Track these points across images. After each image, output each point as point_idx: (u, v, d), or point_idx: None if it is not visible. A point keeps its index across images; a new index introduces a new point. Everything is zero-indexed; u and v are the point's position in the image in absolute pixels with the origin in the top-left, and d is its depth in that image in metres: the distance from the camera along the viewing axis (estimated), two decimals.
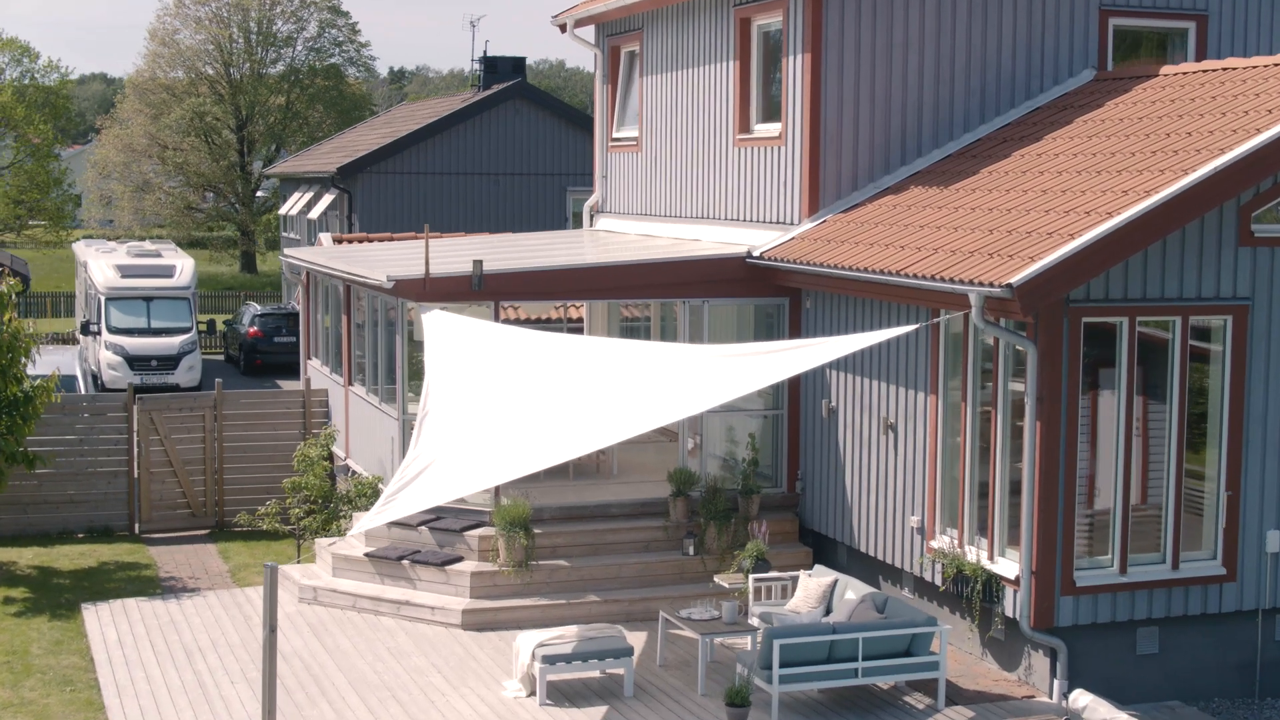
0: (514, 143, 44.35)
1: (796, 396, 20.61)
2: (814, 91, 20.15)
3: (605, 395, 16.13)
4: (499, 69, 46.51)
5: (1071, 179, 17.41)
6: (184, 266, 41.69)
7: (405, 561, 19.18)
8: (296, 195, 50.96)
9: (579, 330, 28.77)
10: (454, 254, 21.94)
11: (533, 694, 16.03)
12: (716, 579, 18.54)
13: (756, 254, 20.25)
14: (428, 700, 15.97)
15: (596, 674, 16.70)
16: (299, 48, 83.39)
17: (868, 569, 19.19)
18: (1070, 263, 15.24)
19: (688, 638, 17.86)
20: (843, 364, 19.43)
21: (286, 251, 27.21)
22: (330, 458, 22.60)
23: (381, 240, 31.60)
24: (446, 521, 19.54)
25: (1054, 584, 16.03)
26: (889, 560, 18.58)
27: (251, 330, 44.02)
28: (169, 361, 39.13)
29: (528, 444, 15.51)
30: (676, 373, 16.32)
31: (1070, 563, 16.07)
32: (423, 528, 19.54)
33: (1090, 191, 16.72)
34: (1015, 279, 15.13)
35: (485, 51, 46.85)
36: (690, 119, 23.31)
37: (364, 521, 14.43)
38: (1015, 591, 16.23)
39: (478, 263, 19.37)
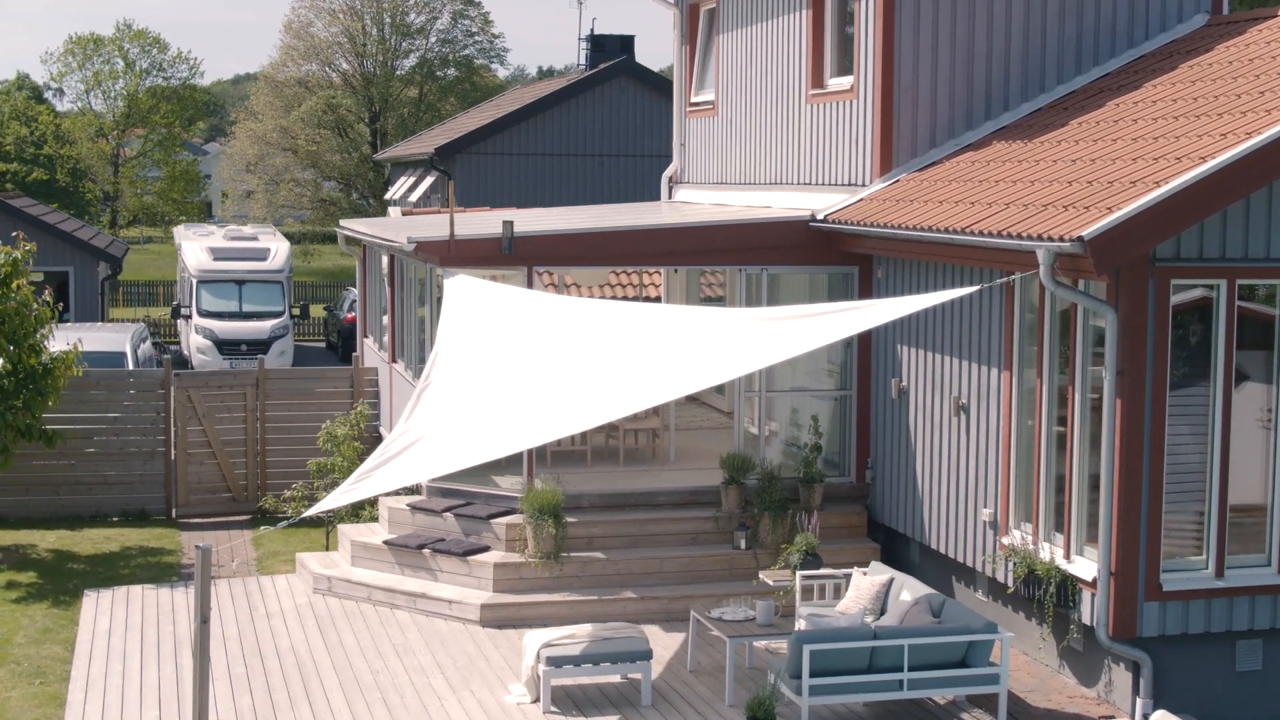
0: (619, 123, 42.60)
1: (866, 376, 18.60)
2: (887, 39, 18.12)
3: (628, 363, 14.28)
4: (606, 48, 44.76)
5: (1168, 125, 15.21)
6: (278, 249, 40.55)
7: (426, 550, 17.50)
8: (402, 179, 49.76)
9: None
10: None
11: (538, 700, 14.24)
12: (762, 575, 16.59)
13: (821, 217, 18.27)
14: (420, 704, 14.26)
15: (616, 679, 14.88)
16: (432, 39, 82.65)
17: (940, 569, 17.13)
18: (1153, 213, 13.09)
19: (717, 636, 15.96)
20: (914, 338, 17.40)
21: (342, 222, 25.73)
22: (362, 437, 20.99)
23: (468, 213, 30.01)
24: (474, 508, 17.83)
25: (1136, 587, 13.88)
26: (960, 558, 16.51)
27: (349, 316, 42.78)
28: (259, 346, 37.91)
29: (531, 417, 13.72)
30: (712, 338, 14.42)
31: (1156, 564, 13.91)
32: (448, 514, 17.85)
33: (1186, 136, 14.52)
34: (1087, 232, 13.01)
35: (592, 30, 45.18)
36: (765, 76, 21.36)
37: (326, 501, 12.75)
38: (1093, 595, 14.10)
39: (508, 223, 17.64)
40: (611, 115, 42.66)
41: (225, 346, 37.77)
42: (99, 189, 74.21)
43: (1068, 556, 14.59)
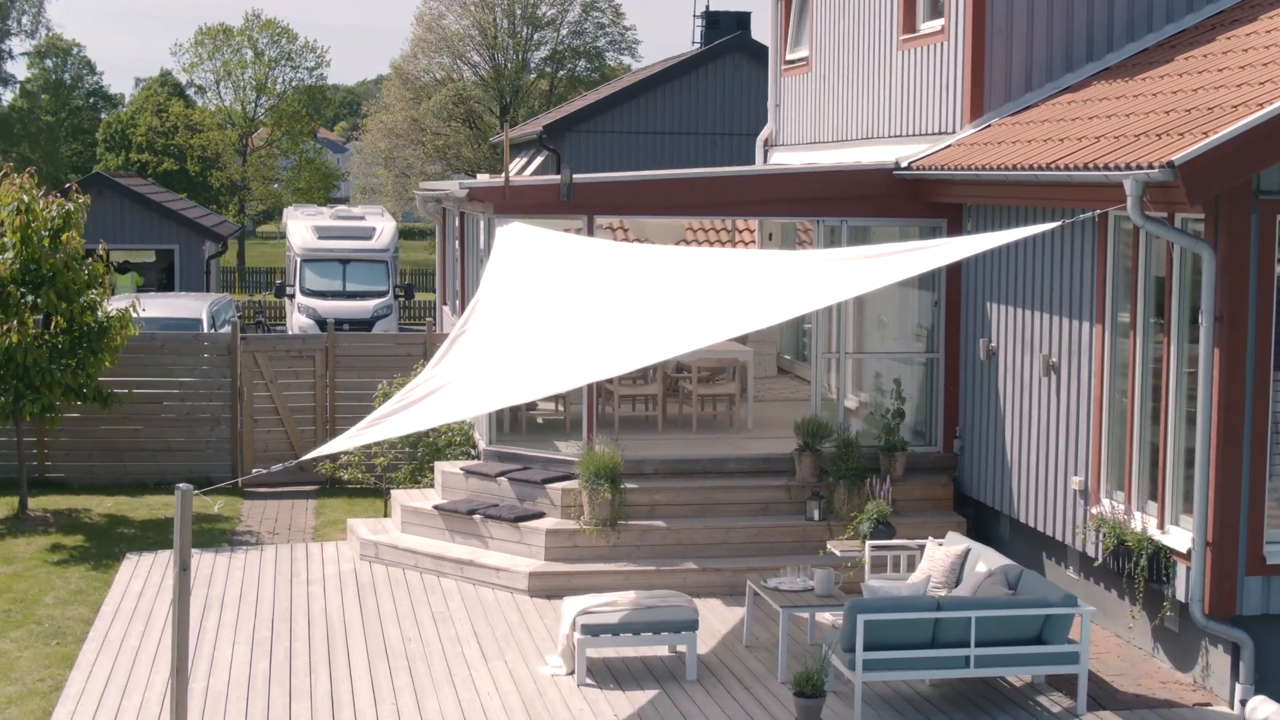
0: (731, 100, 41.23)
1: (955, 338, 17.24)
2: None
3: (681, 305, 13.15)
4: (721, 24, 43.45)
5: None
6: (384, 229, 39.89)
7: (476, 516, 16.47)
8: (515, 161, 48.96)
9: None
10: None
11: (573, 671, 13.13)
12: (829, 545, 15.34)
13: (904, 165, 16.94)
14: (447, 672, 13.22)
15: (662, 651, 13.72)
16: (563, 31, 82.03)
17: (1030, 545, 15.75)
18: (1254, 136, 11.64)
19: (792, 615, 14.74)
20: (1003, 294, 16.03)
21: (422, 185, 24.84)
22: None
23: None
24: (530, 473, 16.76)
25: (1236, 560, 12.44)
26: (1050, 532, 15.12)
27: None
28: (361, 325, 37.21)
29: (567, 359, 12.62)
30: (773, 279, 13.23)
31: (1259, 533, 12.45)
32: (502, 479, 16.80)
33: None
34: (1178, 157, 11.60)
35: (708, 6, 43.93)
36: (858, 25, 20.06)
37: (330, 445, 11.73)
38: (1187, 569, 12.67)
39: (566, 168, 16.57)
40: (724, 93, 41.35)
41: (327, 326, 37.08)
42: (226, 177, 74.45)
43: (1161, 526, 13.17)
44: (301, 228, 39.67)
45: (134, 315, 19.50)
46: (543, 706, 12.42)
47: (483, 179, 17.44)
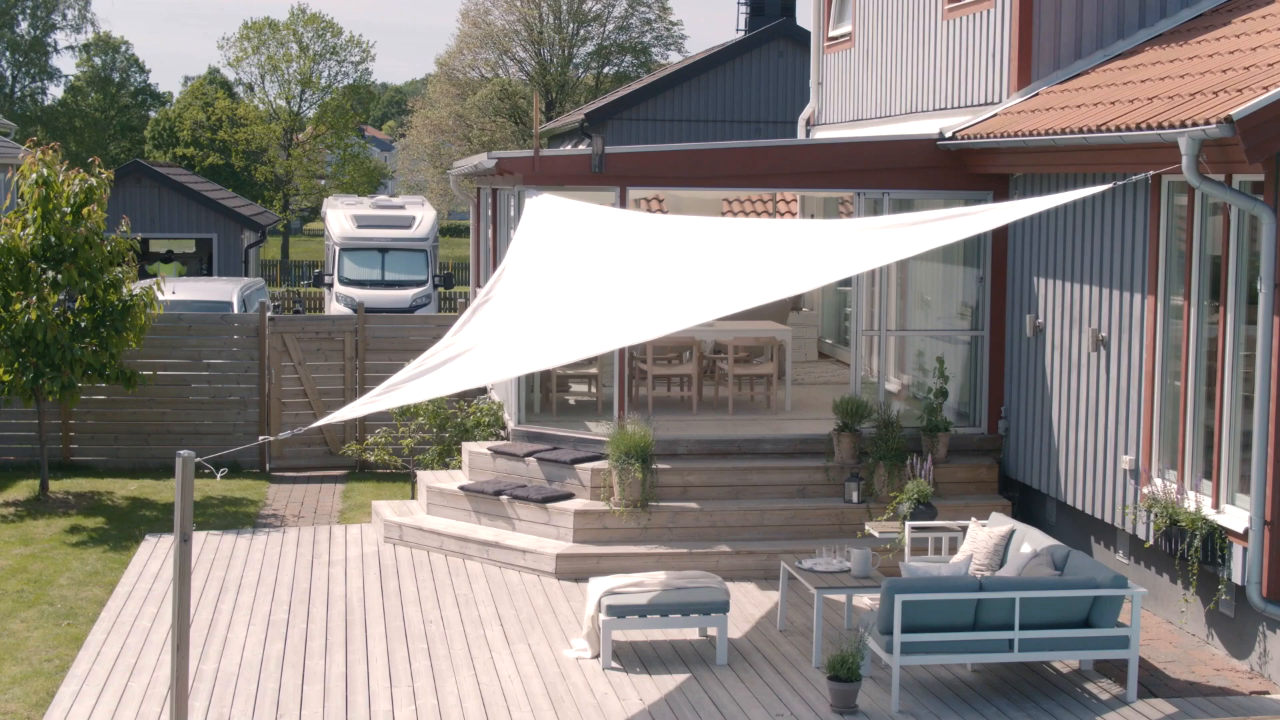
0: (777, 88, 40.62)
1: (1001, 314, 16.61)
2: None
3: (709, 273, 12.60)
4: (766, 10, 42.80)
5: None
6: (424, 218, 39.43)
7: (503, 497, 15.95)
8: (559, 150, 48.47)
9: None
10: None
11: (599, 655, 12.58)
12: (868, 527, 14.73)
13: (949, 134, 16.32)
14: (467, 655, 12.70)
15: (693, 635, 13.17)
16: (609, 26, 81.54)
17: (1079, 529, 15.11)
18: None
19: (828, 599, 14.19)
20: (1052, 268, 15.39)
21: (456, 163, 24.33)
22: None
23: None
24: (559, 453, 16.23)
25: None
26: (1099, 514, 14.48)
27: None
28: (400, 315, 36.74)
29: (591, 325, 12.09)
30: (806, 247, 12.67)
31: None
32: (530, 459, 16.27)
33: None
34: (1237, 111, 10.96)
35: None
36: None
37: (344, 411, 11.21)
38: (1244, 550, 12.01)
39: (598, 138, 16.02)
40: (768, 79, 40.73)
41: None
42: (270, 170, 74.29)
43: (1216, 506, 12.51)
44: (341, 216, 39.26)
45: (159, 295, 19.06)
46: (565, 690, 11.88)
47: (513, 152, 16.90)
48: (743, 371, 18.18)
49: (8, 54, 72.05)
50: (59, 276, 17.84)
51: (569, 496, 15.78)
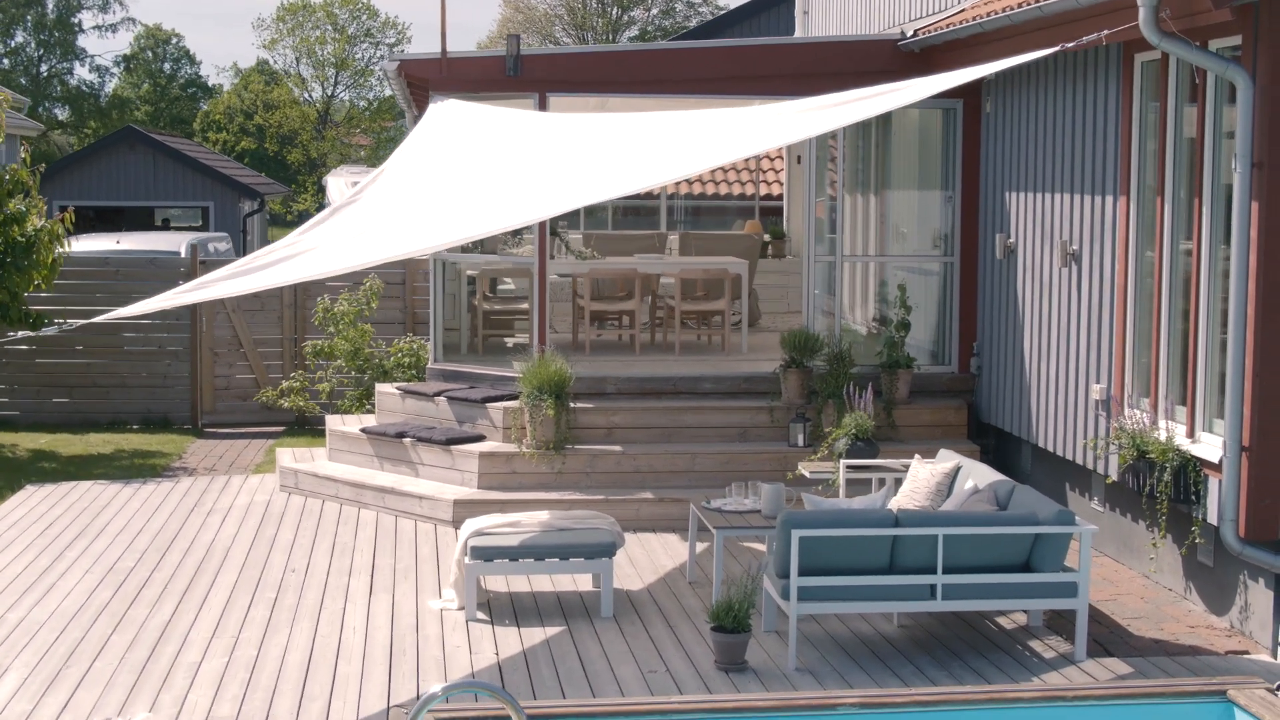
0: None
1: (973, 238, 14.77)
2: None
3: (608, 161, 10.95)
4: None
5: None
6: None
7: (407, 440, 14.25)
8: None
9: (779, 209, 23.41)
10: None
11: (465, 606, 10.84)
12: (800, 467, 12.91)
13: (910, 33, 14.48)
14: (317, 607, 11.00)
15: (590, 585, 11.42)
16: (654, 10, 79.89)
17: (1053, 476, 13.24)
18: None
19: (747, 545, 12.42)
20: (1022, 180, 13.54)
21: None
22: (375, 320, 17.85)
23: None
24: (471, 391, 14.51)
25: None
26: (1070, 456, 12.62)
27: None
28: None
29: (476, 208, 10.44)
30: (715, 129, 11.01)
31: None
32: (440, 399, 14.57)
33: None
34: None
35: None
36: None
37: (136, 307, 9.55)
38: (1219, 483, 10.13)
39: (513, 38, 14.31)
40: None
41: None
42: (302, 154, 72.96)
43: (1191, 434, 10.63)
44: (342, 185, 37.65)
45: (65, 230, 17.46)
46: (412, 643, 10.16)
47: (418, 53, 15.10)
48: (691, 308, 16.39)
49: (34, 33, 71.18)
50: None
51: (479, 439, 14.07)
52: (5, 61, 70.29)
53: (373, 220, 10.78)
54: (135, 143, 37.14)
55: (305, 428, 19.12)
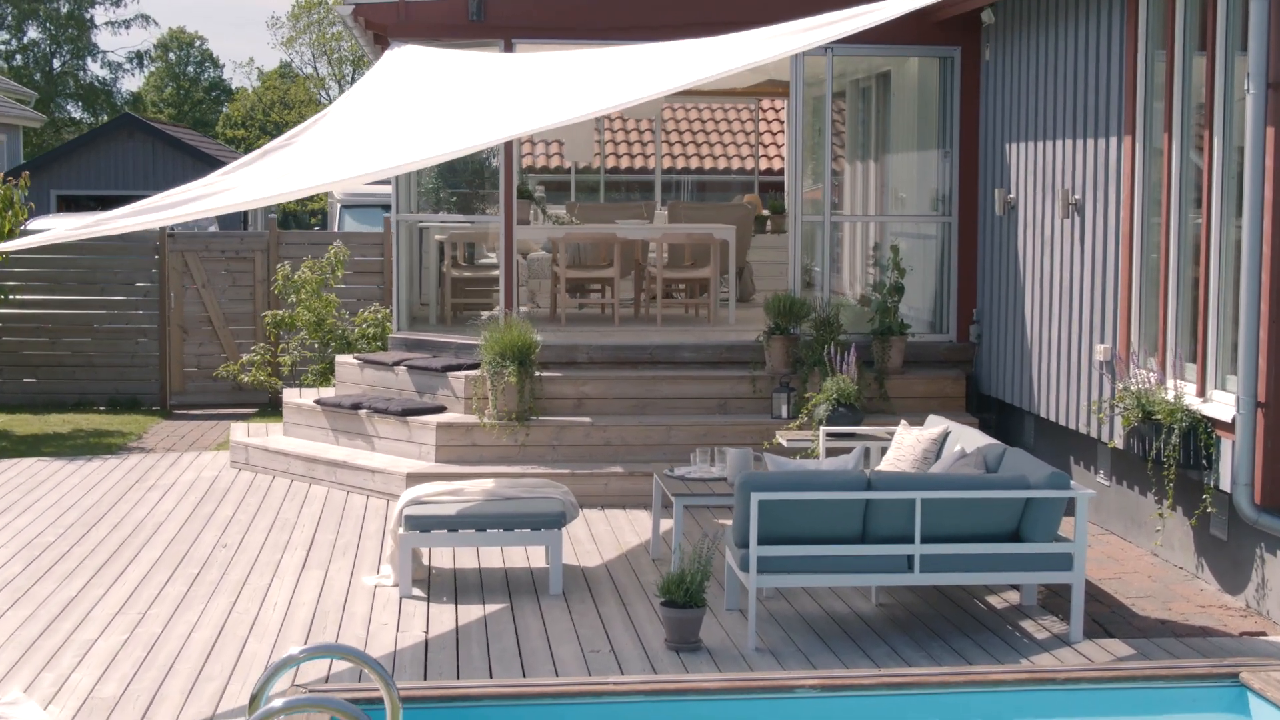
0: None
1: (972, 195, 13.77)
2: None
3: (552, 92, 10.01)
4: None
5: None
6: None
7: (363, 412, 13.30)
8: None
9: (780, 185, 22.37)
10: None
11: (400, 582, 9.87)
12: (778, 435, 11.90)
13: None
14: (239, 583, 10.04)
15: (544, 561, 10.43)
16: None
17: (1058, 447, 12.21)
18: None
19: (721, 523, 11.40)
20: (1022, 129, 12.53)
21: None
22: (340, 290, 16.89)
23: None
24: (436, 360, 13.56)
25: None
26: (1073, 425, 11.60)
27: None
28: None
29: (379, 150, 9.48)
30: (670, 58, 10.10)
31: None
32: (400, 368, 13.62)
33: None
34: None
35: None
36: None
37: (17, 242, 8.61)
38: (1232, 444, 9.09)
39: None
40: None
41: None
42: None
43: (1201, 393, 9.60)
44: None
45: (23, 194, 16.54)
46: (335, 620, 9.20)
47: None
48: (676, 274, 15.40)
49: (48, 26, 70.62)
50: None
51: (439, 410, 13.11)
52: (18, 58, 69.63)
53: (303, 158, 9.83)
54: (134, 130, 36.35)
55: (278, 408, 18.15)
